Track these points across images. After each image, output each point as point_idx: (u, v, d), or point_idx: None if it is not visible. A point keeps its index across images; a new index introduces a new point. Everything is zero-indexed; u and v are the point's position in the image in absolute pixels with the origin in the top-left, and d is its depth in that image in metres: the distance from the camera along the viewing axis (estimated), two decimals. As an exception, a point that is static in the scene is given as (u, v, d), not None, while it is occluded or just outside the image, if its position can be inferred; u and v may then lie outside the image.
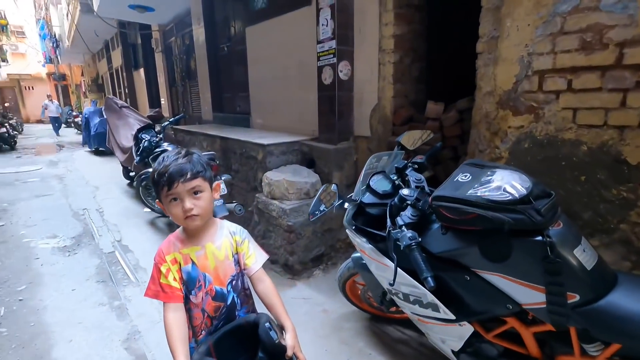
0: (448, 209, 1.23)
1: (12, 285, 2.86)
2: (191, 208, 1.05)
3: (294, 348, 1.09)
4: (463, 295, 1.34)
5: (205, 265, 1.14)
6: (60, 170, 7.62)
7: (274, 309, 1.18)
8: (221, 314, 1.18)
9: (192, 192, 1.06)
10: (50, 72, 23.51)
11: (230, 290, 1.19)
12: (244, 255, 1.21)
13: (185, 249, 1.13)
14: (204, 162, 1.11)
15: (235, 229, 1.24)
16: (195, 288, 1.13)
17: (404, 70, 2.91)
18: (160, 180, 1.04)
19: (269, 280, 1.23)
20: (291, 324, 1.16)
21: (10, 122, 11.86)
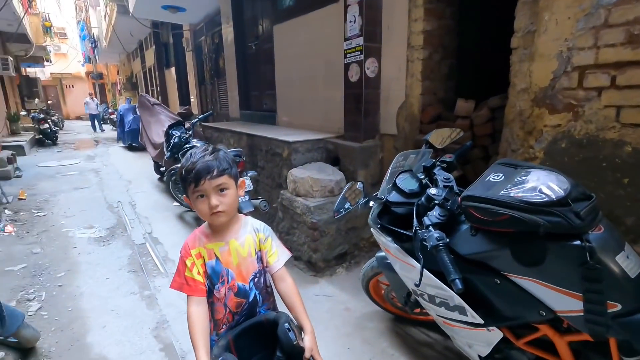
0: (479, 210, 1.19)
1: (52, 272, 3.03)
2: (217, 205, 1.06)
3: (312, 350, 1.10)
4: (492, 299, 1.30)
5: (229, 261, 1.16)
6: (97, 164, 8.01)
7: (294, 309, 1.18)
8: (243, 310, 1.19)
9: (218, 189, 1.07)
10: (89, 71, 24.77)
11: (253, 287, 1.20)
12: (267, 253, 1.21)
13: (210, 244, 1.15)
14: (230, 160, 1.12)
15: (259, 226, 1.24)
16: (218, 283, 1.15)
17: (433, 67, 2.84)
18: (187, 176, 1.06)
19: (291, 279, 1.23)
20: (310, 325, 1.16)
21: (53, 118, 12.57)
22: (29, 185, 5.95)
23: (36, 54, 14.15)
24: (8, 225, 4.04)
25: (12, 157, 6.93)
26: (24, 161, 7.83)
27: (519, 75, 2.05)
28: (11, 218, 4.34)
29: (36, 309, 2.49)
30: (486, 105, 2.50)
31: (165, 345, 2.12)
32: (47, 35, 15.90)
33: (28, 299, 2.61)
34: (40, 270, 3.05)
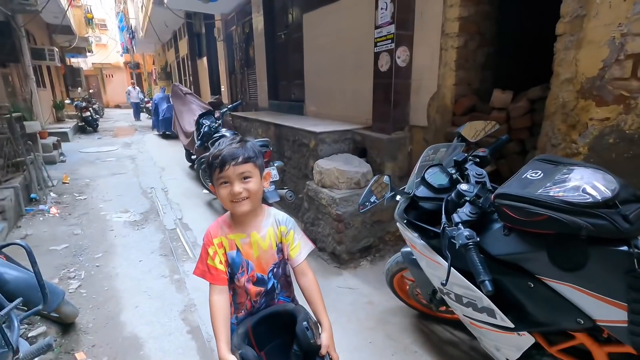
0: (513, 209, 1.12)
1: (91, 252, 3.22)
2: (239, 192, 1.07)
3: (328, 347, 1.10)
4: (525, 303, 1.23)
5: (249, 253, 1.17)
6: (133, 151, 8.38)
7: (314, 305, 1.19)
8: (261, 297, 1.22)
9: (242, 176, 1.08)
10: (127, 61, 25.80)
11: (271, 277, 1.21)
12: (289, 246, 1.21)
13: (232, 235, 1.17)
14: (256, 150, 1.12)
15: (281, 218, 1.23)
16: (238, 273, 1.17)
17: (468, 55, 2.70)
18: (213, 162, 1.08)
19: (312, 274, 1.23)
20: (328, 322, 1.16)
21: (94, 106, 13.24)
22: (71, 169, 6.33)
23: (79, 45, 14.89)
24: (53, 207, 4.32)
25: (57, 143, 7.38)
26: (68, 147, 8.32)
27: (563, 64, 1.90)
28: (56, 200, 4.64)
29: (76, 286, 2.65)
30: (525, 96, 2.35)
31: (192, 328, 2.20)
32: (89, 26, 16.68)
33: (69, 277, 2.79)
34: (81, 250, 3.25)
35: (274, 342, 1.19)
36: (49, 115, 10.42)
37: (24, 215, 4.02)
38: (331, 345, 1.12)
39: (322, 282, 2.62)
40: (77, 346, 2.07)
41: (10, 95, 7.19)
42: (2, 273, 1.75)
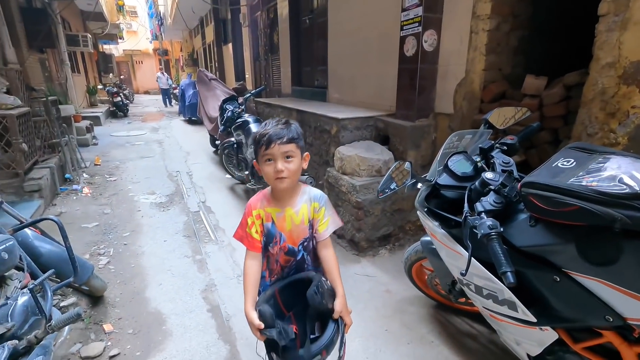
0: (541, 198, 1.06)
1: (119, 231, 3.36)
2: (282, 170, 1.15)
3: (340, 312, 1.20)
4: (549, 297, 1.18)
5: (283, 226, 1.27)
6: (160, 136, 8.62)
7: (331, 274, 1.30)
8: (291, 266, 1.33)
9: (285, 155, 1.16)
10: (155, 47, 26.36)
11: (301, 249, 1.31)
12: (319, 222, 1.29)
13: (269, 208, 1.27)
14: (299, 132, 1.22)
15: (316, 196, 1.32)
16: (272, 242, 1.28)
17: (500, 39, 2.56)
18: (260, 140, 1.17)
19: (332, 248, 1.34)
20: (342, 290, 1.26)
21: (124, 92, 13.68)
22: (103, 152, 6.60)
23: (111, 32, 15.32)
24: (85, 187, 4.54)
25: (90, 126, 7.70)
26: (100, 131, 8.66)
27: (605, 48, 1.77)
28: (88, 181, 4.86)
29: (105, 262, 2.78)
30: (561, 82, 2.21)
31: (212, 307, 2.27)
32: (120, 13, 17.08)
33: (99, 253, 2.93)
34: (110, 229, 3.40)
35: (298, 307, 1.29)
36: (82, 99, 10.86)
37: (59, 194, 4.25)
38: (344, 311, 1.22)
39: (340, 269, 2.63)
40: (105, 318, 2.18)
41: (47, 79, 7.53)
42: (37, 246, 1.86)
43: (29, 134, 3.94)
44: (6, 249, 1.43)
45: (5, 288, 1.54)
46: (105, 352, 1.90)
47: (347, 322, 1.23)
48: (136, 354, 1.90)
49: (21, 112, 3.71)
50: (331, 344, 1.17)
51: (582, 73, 2.01)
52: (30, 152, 3.87)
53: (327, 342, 1.16)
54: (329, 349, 1.18)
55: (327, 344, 1.16)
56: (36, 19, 6.88)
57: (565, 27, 2.69)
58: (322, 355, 1.16)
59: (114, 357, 1.87)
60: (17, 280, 1.60)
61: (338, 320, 1.20)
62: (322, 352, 1.15)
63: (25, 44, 6.59)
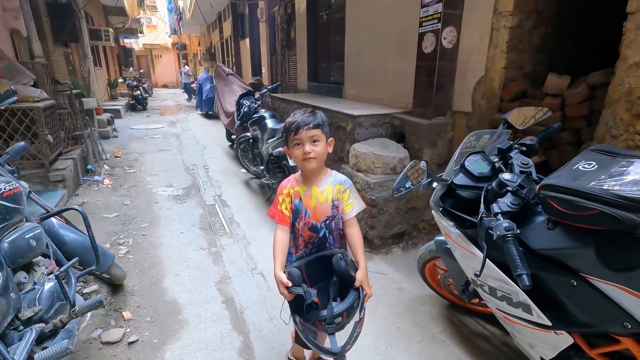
0: (560, 201, 1.04)
1: (138, 222, 3.46)
2: (309, 152, 1.29)
3: (361, 282, 1.31)
4: (565, 301, 1.16)
5: (309, 203, 1.39)
6: (178, 129, 8.77)
7: (355, 249, 1.41)
8: (314, 242, 1.43)
9: (312, 139, 1.30)
10: (174, 42, 26.75)
11: (323, 227, 1.41)
12: (344, 203, 1.41)
13: (298, 187, 1.41)
14: (324, 120, 1.36)
15: (341, 179, 1.44)
16: (298, 218, 1.40)
17: (522, 36, 2.50)
18: (290, 127, 1.32)
19: (357, 227, 1.44)
20: (364, 263, 1.37)
21: (144, 86, 13.95)
22: (123, 144, 6.77)
23: (131, 26, 15.61)
24: (106, 178, 4.68)
25: (110, 119, 7.90)
26: (120, 123, 8.87)
27: (633, 46, 1.71)
28: (109, 172, 5.01)
29: (124, 252, 2.88)
30: (585, 81, 2.15)
31: (227, 299, 2.32)
32: (140, 8, 17.40)
33: (119, 243, 3.03)
34: (129, 219, 3.50)
35: (322, 282, 1.39)
36: (104, 92, 11.14)
37: (81, 185, 4.39)
38: (365, 281, 1.32)
39: (352, 265, 2.65)
40: (124, 305, 2.26)
41: (71, 73, 7.76)
42: (62, 234, 1.94)
43: (54, 126, 4.08)
44: (34, 236, 1.50)
45: (33, 274, 1.62)
46: (124, 338, 1.98)
47: (367, 292, 1.33)
48: (154, 341, 1.97)
49: (47, 105, 3.84)
50: (352, 309, 1.27)
51: (608, 72, 1.95)
52: (55, 144, 4.01)
53: (348, 307, 1.26)
54: (350, 314, 1.27)
55: (349, 308, 1.26)
56: (61, 14, 7.09)
57: (591, 25, 2.61)
58: (343, 319, 1.25)
59: (132, 343, 1.94)
60: (44, 267, 1.68)
61: (359, 289, 1.31)
62: (343, 315, 1.25)
63: (51, 39, 6.80)
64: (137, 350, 1.91)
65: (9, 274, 1.35)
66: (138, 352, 1.89)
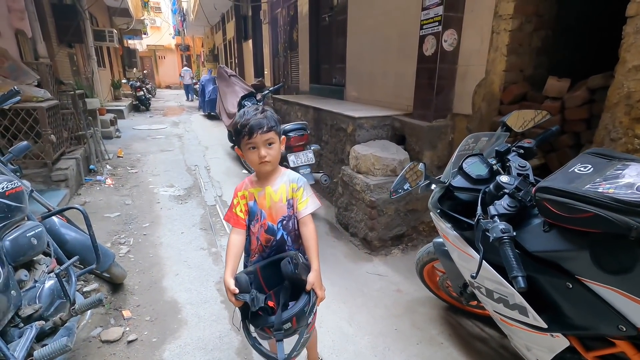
0: (556, 204, 1.05)
1: (139, 222, 3.48)
2: (265, 155, 1.27)
3: (312, 284, 1.27)
4: (561, 304, 1.17)
5: (263, 203, 1.37)
6: (180, 130, 8.81)
7: (308, 249, 1.37)
8: (272, 246, 1.39)
9: (267, 142, 1.28)
10: (178, 43, 26.85)
11: (280, 228, 1.38)
12: (297, 201, 1.38)
13: (252, 189, 1.39)
14: (276, 119, 1.32)
15: (294, 178, 1.41)
16: (254, 220, 1.38)
17: (523, 39, 2.51)
18: (242, 130, 1.27)
19: (313, 226, 1.40)
20: (317, 265, 1.33)
21: (147, 86, 14.02)
22: (125, 145, 6.80)
23: (135, 27, 15.69)
24: (108, 178, 4.70)
25: (114, 119, 7.95)
26: (123, 124, 8.92)
27: (632, 50, 1.72)
28: (111, 172, 5.04)
29: (125, 251, 2.89)
30: (584, 85, 2.16)
31: (226, 299, 2.32)
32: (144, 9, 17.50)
33: (120, 242, 3.05)
34: (130, 219, 3.52)
35: (280, 285, 1.36)
36: (107, 93, 11.20)
37: (84, 184, 4.42)
38: (316, 284, 1.29)
39: (351, 267, 2.66)
40: (124, 304, 2.27)
41: (75, 73, 7.81)
42: (63, 233, 1.95)
43: (57, 126, 4.11)
44: (35, 235, 1.51)
45: (34, 272, 1.63)
46: (123, 337, 1.99)
47: (319, 295, 1.29)
48: (152, 340, 1.98)
49: (50, 105, 3.87)
50: (302, 314, 1.23)
51: (607, 76, 1.95)
52: (58, 143, 4.04)
53: (298, 311, 1.22)
54: (300, 319, 1.23)
55: (298, 313, 1.22)
56: (66, 14, 7.15)
57: (591, 28, 2.61)
58: (293, 325, 1.22)
59: (132, 342, 1.96)
60: (45, 265, 1.69)
61: (310, 292, 1.27)
62: (293, 320, 1.22)
63: (55, 39, 6.85)
64: (136, 349, 1.92)
65: (10, 272, 1.37)
66: (137, 350, 1.91)
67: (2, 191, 1.38)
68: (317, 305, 1.32)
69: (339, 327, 2.05)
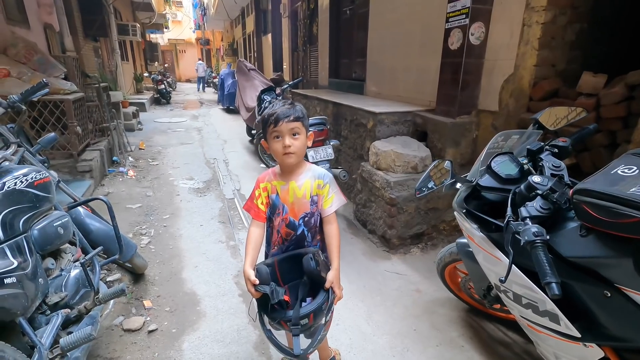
0: (596, 208, 0.98)
1: (160, 213, 3.54)
2: (289, 145, 1.24)
3: (331, 283, 1.27)
4: (597, 313, 1.10)
5: (286, 198, 1.34)
6: (199, 123, 8.93)
7: (330, 248, 1.36)
8: (291, 240, 1.37)
9: (292, 132, 1.26)
10: (198, 37, 27.18)
11: (302, 224, 1.35)
12: (323, 198, 1.36)
13: (275, 182, 1.36)
14: (304, 112, 1.30)
15: (320, 174, 1.38)
16: (275, 213, 1.36)
17: (556, 32, 2.39)
18: (269, 119, 1.26)
19: (337, 225, 1.38)
20: (337, 264, 1.33)
21: (168, 80, 14.26)
22: (147, 137, 6.94)
23: (157, 22, 15.98)
24: (130, 170, 4.81)
25: (136, 112, 8.12)
26: (144, 116, 9.11)
27: (679, 43, 1.60)
28: (133, 164, 5.15)
29: (146, 242, 2.95)
30: (623, 81, 2.03)
31: (244, 292, 2.34)
32: (166, 3, 17.75)
33: (141, 233, 3.11)
34: (151, 210, 3.59)
35: (296, 280, 1.35)
36: (130, 86, 11.45)
37: (107, 175, 4.54)
38: (335, 282, 1.29)
39: (369, 264, 2.63)
40: (145, 295, 2.32)
41: (99, 67, 8.00)
42: (88, 223, 2.00)
43: (82, 118, 4.22)
44: (62, 224, 1.55)
45: (60, 260, 1.67)
46: (144, 327, 2.03)
47: (337, 294, 1.29)
48: (172, 330, 2.01)
49: (77, 97, 3.97)
50: (319, 311, 1.23)
51: (649, 71, 1.83)
52: (83, 135, 4.15)
53: (316, 308, 1.22)
54: (317, 316, 1.23)
55: (316, 310, 1.22)
56: (92, 9, 7.32)
57: (629, 21, 2.46)
58: (310, 321, 1.21)
59: (152, 331, 1.99)
60: (70, 254, 1.73)
61: (329, 290, 1.27)
62: (310, 317, 1.21)
63: (81, 33, 7.03)
64: (157, 339, 1.95)
65: (38, 260, 1.40)
66: (157, 340, 1.94)
67: (31, 181, 1.41)
68: (334, 304, 1.31)
69: (357, 326, 2.03)
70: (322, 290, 1.27)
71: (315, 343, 1.26)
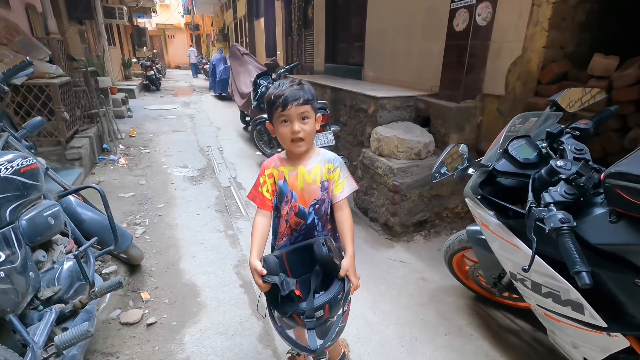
0: (632, 191, 0.93)
1: (154, 202, 3.43)
2: (299, 130, 1.15)
3: (347, 270, 1.16)
4: (626, 302, 1.06)
5: (294, 184, 1.25)
6: (192, 110, 8.71)
7: (343, 235, 1.27)
8: (301, 229, 1.29)
9: (301, 116, 1.16)
10: (187, 22, 26.43)
11: (312, 212, 1.27)
12: (334, 183, 1.27)
13: (282, 167, 1.27)
14: (313, 93, 1.20)
15: (330, 157, 1.28)
16: (283, 202, 1.27)
17: (566, 12, 2.31)
18: (276, 101, 1.14)
19: (349, 210, 1.29)
20: (352, 251, 1.22)
21: (157, 66, 13.86)
22: (137, 124, 6.74)
23: (145, 5, 15.38)
24: (122, 157, 4.66)
25: (125, 98, 7.86)
26: (134, 103, 8.85)
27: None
28: (124, 152, 4.99)
29: (141, 232, 2.85)
30: (636, 62, 1.97)
31: (245, 282, 2.27)
32: (153, -14, 17.11)
33: (135, 223, 3.01)
34: (145, 199, 3.48)
35: (306, 273, 1.25)
36: (118, 72, 11.09)
37: (97, 164, 4.38)
38: (351, 270, 1.18)
39: (372, 253, 2.57)
40: (142, 286, 2.23)
41: (86, 51, 7.70)
42: (80, 213, 1.89)
43: (70, 103, 4.04)
44: (52, 214, 1.45)
45: (52, 252, 1.58)
46: (143, 320, 1.95)
47: (353, 283, 1.19)
48: (172, 323, 1.94)
49: (63, 82, 3.78)
50: (335, 301, 1.12)
51: (666, 52, 1.77)
52: (71, 121, 3.98)
53: (331, 298, 1.11)
54: (333, 307, 1.12)
55: (331, 300, 1.11)
56: (76, -11, 6.98)
57: None
58: (325, 313, 1.11)
59: (151, 325, 1.92)
60: (62, 246, 1.63)
61: (344, 279, 1.16)
62: (325, 308, 1.10)
63: (65, 15, 6.72)
64: (156, 332, 1.88)
65: (27, 252, 1.31)
66: (157, 334, 1.87)
67: (17, 168, 1.30)
68: (351, 293, 1.21)
69: (363, 315, 1.98)
70: (336, 279, 1.17)
71: (334, 336, 1.16)
